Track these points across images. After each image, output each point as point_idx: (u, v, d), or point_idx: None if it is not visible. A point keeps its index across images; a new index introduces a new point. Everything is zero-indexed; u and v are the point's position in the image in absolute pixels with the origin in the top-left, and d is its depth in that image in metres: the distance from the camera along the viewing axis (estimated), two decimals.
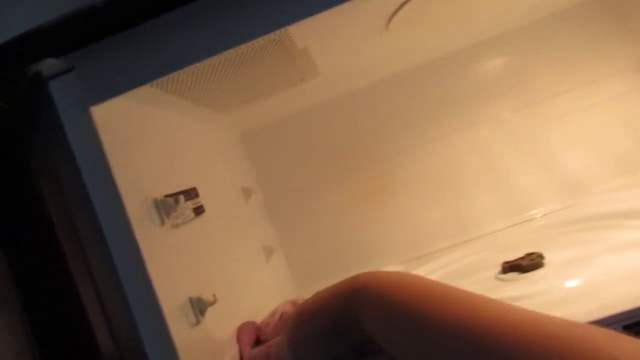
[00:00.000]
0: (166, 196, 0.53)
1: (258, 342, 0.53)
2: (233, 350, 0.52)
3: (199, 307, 0.50)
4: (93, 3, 0.38)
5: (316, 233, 0.91)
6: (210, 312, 0.51)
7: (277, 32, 0.42)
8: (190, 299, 0.49)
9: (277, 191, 0.91)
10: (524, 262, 0.61)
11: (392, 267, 0.85)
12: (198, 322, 0.49)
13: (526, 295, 0.54)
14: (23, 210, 0.36)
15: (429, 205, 0.89)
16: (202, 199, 0.65)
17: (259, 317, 0.58)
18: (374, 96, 0.90)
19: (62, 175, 0.41)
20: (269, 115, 0.89)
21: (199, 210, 0.64)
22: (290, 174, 0.91)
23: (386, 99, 0.90)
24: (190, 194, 0.65)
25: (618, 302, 0.41)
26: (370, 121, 0.90)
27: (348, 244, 0.90)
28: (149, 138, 0.56)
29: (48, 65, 0.41)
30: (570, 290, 0.52)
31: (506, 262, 0.63)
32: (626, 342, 0.26)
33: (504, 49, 0.88)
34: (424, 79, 0.90)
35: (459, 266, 0.76)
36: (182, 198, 0.59)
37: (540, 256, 0.62)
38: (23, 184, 0.35)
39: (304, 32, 0.50)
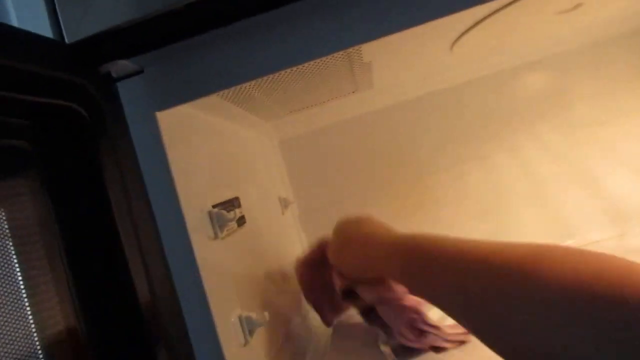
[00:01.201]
0: (217, 207, 0.51)
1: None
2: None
3: (249, 326, 0.48)
4: (173, 6, 0.36)
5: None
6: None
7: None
8: (240, 318, 0.47)
9: (312, 203, 0.89)
10: None
11: None
12: (247, 343, 0.47)
13: None
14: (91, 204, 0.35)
15: (467, 226, 0.86)
16: (244, 209, 0.64)
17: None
18: (419, 110, 0.88)
19: (125, 175, 0.39)
20: (310, 123, 0.88)
21: (241, 221, 0.63)
22: (327, 186, 0.89)
23: (431, 113, 0.88)
24: (234, 203, 0.63)
25: None
26: (412, 135, 0.88)
27: None
28: (206, 144, 0.54)
29: (118, 67, 0.39)
30: None
31: None
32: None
33: (552, 70, 0.86)
34: (470, 96, 0.87)
35: None
36: (232, 209, 0.58)
37: None
38: (94, 183, 0.33)
39: (374, 48, 0.48)
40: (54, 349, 0.32)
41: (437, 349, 0.55)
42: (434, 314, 0.55)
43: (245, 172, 0.70)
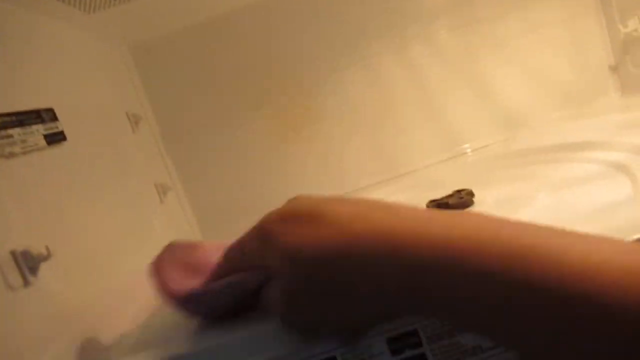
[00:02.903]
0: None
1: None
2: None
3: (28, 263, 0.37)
4: None
5: (223, 171, 0.78)
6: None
7: None
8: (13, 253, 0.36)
9: (176, 120, 0.77)
10: (451, 201, 0.52)
11: None
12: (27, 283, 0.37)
13: None
14: None
15: (352, 138, 0.78)
16: (65, 124, 0.51)
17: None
18: (293, 9, 0.76)
19: None
20: (165, 26, 0.74)
21: (55, 138, 0.50)
22: (191, 100, 0.76)
23: (307, 13, 0.76)
24: (42, 116, 0.50)
25: None
26: (287, 40, 0.76)
27: (260, 183, 0.78)
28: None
29: None
30: None
31: (432, 201, 0.54)
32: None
33: None
34: None
35: None
36: (25, 120, 0.45)
37: (470, 194, 0.54)
38: None
39: None
40: None
41: None
42: None
43: (70, 81, 0.56)
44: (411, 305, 0.26)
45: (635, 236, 0.31)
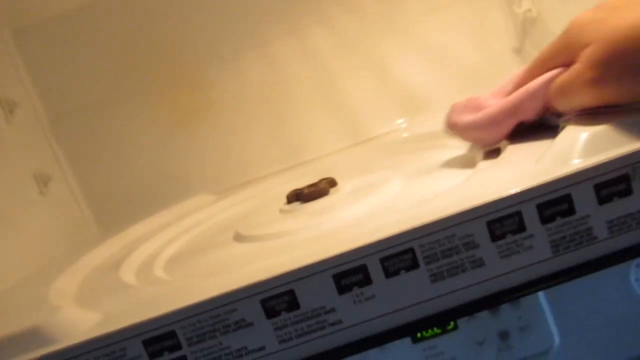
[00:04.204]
0: None
1: None
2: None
3: None
4: None
5: (117, 159, 0.74)
6: None
7: None
8: None
9: (65, 107, 0.73)
10: (305, 191, 0.49)
11: (204, 197, 0.72)
12: None
13: (288, 231, 0.42)
14: None
15: (249, 127, 0.74)
16: None
17: None
18: None
19: None
20: (49, 9, 0.70)
21: None
22: (79, 85, 0.73)
23: None
24: None
25: (375, 232, 0.29)
26: (182, 22, 0.73)
27: (157, 171, 0.75)
28: None
29: None
30: (335, 224, 0.41)
31: (292, 191, 0.52)
32: None
33: None
34: None
35: (265, 196, 0.64)
36: None
37: (331, 182, 0.51)
38: None
39: None
40: None
41: None
42: None
43: None
44: None
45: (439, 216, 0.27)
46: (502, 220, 0.28)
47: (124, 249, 0.55)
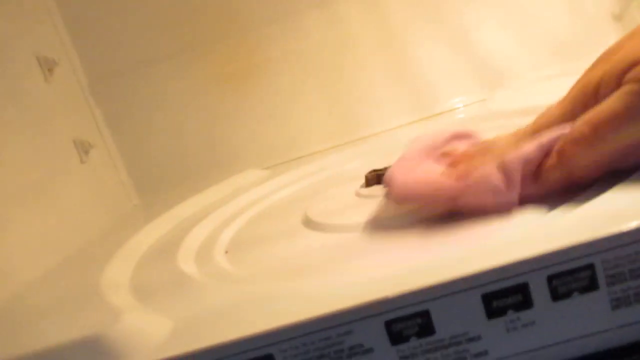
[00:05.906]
0: None
1: None
2: None
3: None
4: None
5: (158, 126, 0.68)
6: None
7: None
8: None
9: (103, 67, 0.67)
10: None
11: (255, 172, 0.66)
12: None
13: (379, 223, 0.36)
14: None
15: (305, 95, 0.67)
16: None
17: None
18: None
19: None
20: None
21: None
22: (120, 44, 0.66)
23: None
24: None
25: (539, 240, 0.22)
26: None
27: (198, 142, 0.69)
28: None
29: None
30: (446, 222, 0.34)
31: (372, 172, 0.45)
32: None
33: None
34: None
35: (328, 175, 0.57)
36: None
37: None
38: None
39: None
40: None
41: None
42: None
43: None
44: None
45: None
46: None
47: (175, 230, 0.50)
